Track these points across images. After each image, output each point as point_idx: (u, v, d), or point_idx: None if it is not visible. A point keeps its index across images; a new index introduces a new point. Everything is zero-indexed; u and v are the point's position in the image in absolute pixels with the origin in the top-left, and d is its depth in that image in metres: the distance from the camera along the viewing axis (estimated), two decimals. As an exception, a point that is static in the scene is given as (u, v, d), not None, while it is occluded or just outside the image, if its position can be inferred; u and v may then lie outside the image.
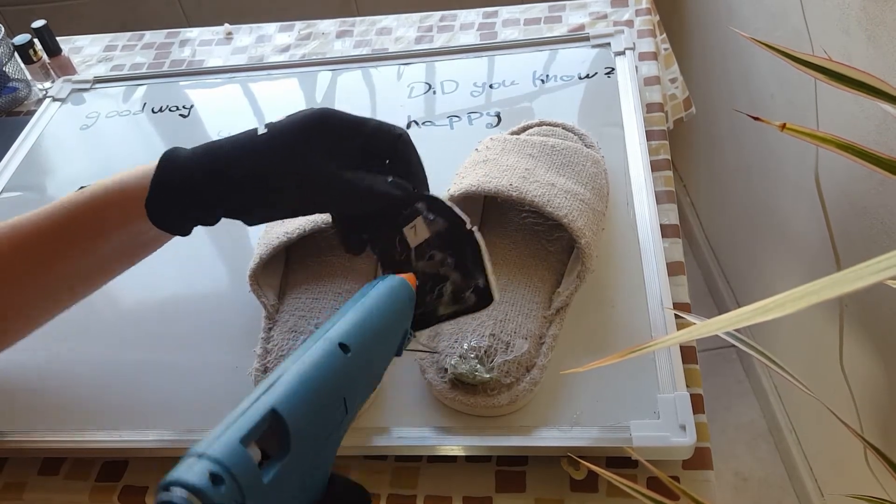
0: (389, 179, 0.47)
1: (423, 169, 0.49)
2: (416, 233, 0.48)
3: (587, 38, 0.81)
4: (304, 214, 0.49)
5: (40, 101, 0.90)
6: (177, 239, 0.71)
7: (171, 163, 0.47)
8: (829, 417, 0.58)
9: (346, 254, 0.54)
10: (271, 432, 0.32)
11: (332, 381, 0.35)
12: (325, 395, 0.35)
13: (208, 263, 0.67)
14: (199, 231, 0.74)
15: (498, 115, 0.75)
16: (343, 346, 0.37)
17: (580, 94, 0.75)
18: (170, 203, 0.47)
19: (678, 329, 0.55)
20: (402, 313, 0.44)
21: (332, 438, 0.36)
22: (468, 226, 0.47)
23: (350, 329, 0.38)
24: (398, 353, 0.44)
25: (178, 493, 0.27)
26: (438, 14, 0.95)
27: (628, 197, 0.64)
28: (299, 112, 0.48)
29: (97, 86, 0.89)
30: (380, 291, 0.43)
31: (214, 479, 0.28)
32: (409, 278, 0.46)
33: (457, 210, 0.47)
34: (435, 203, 0.48)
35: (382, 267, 0.49)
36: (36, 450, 0.56)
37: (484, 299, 0.48)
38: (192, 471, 0.27)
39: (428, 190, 0.49)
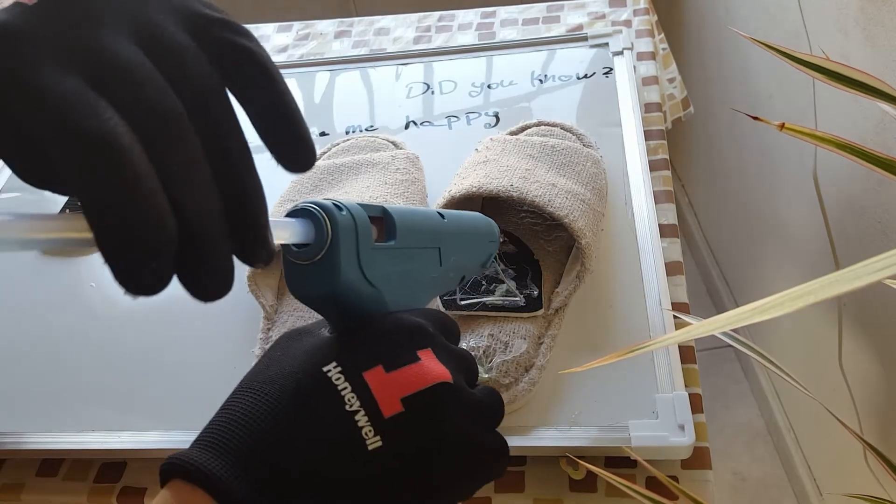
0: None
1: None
2: None
3: (585, 38, 0.81)
4: None
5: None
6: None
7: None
8: (827, 417, 0.58)
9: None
10: (381, 222, 0.35)
11: (429, 223, 0.39)
12: (424, 229, 0.38)
13: (207, 264, 0.67)
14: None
15: (496, 116, 0.75)
16: (440, 213, 0.41)
17: (578, 94, 0.75)
18: None
19: (677, 329, 0.55)
20: (489, 232, 0.46)
21: (427, 283, 0.39)
22: (535, 256, 0.58)
23: (445, 212, 0.41)
24: (484, 265, 0.46)
25: (309, 205, 0.32)
26: (436, 14, 0.95)
27: (627, 197, 0.64)
28: None
29: (95, 86, 0.89)
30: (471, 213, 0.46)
31: (338, 206, 0.32)
32: None
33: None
34: (511, 235, 0.59)
35: None
36: (34, 451, 0.56)
37: (533, 305, 0.55)
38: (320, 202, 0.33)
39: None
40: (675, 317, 0.56)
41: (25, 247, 0.22)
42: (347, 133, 0.76)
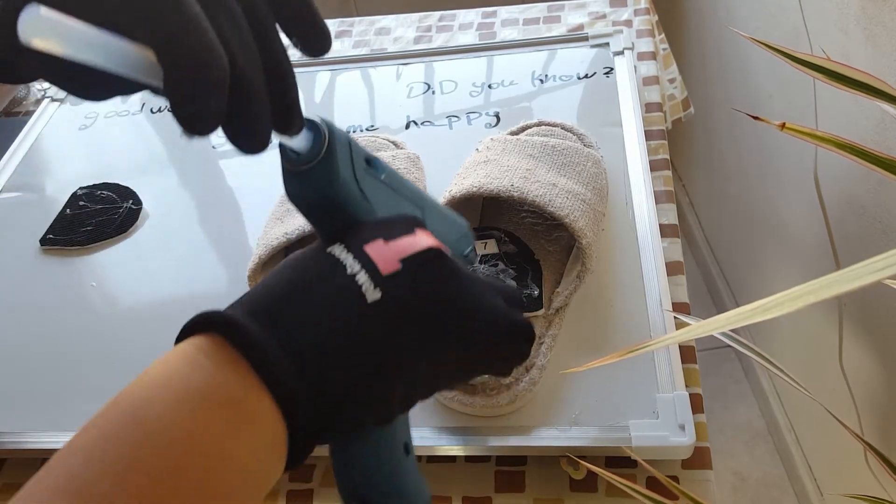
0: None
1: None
2: (486, 247, 0.59)
3: (586, 38, 0.81)
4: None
5: (39, 102, 0.90)
6: (176, 239, 0.71)
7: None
8: (828, 416, 0.58)
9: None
10: (369, 163, 0.38)
11: (411, 185, 0.41)
12: (408, 184, 0.40)
13: (207, 264, 0.67)
14: (198, 231, 0.74)
15: (497, 115, 0.75)
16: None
17: (579, 94, 0.75)
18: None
19: (677, 329, 0.55)
20: (462, 223, 0.46)
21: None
22: (535, 256, 0.58)
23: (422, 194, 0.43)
24: (467, 258, 0.46)
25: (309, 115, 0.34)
26: (437, 14, 0.95)
27: (627, 197, 0.64)
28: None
29: (96, 86, 0.89)
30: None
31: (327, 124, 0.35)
32: None
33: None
34: (511, 235, 0.60)
35: None
36: (34, 451, 0.56)
37: (533, 305, 0.55)
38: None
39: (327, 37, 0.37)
40: (675, 317, 0.56)
41: (109, 58, 0.25)
42: (348, 133, 0.76)
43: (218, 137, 0.79)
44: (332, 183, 0.35)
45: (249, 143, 0.29)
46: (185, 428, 0.27)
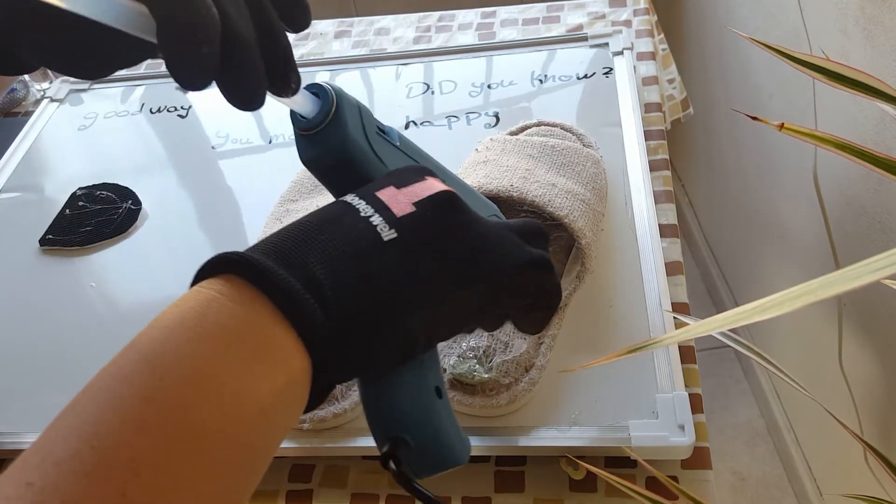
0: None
1: None
2: None
3: (585, 39, 0.81)
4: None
5: (38, 102, 0.90)
6: (175, 240, 0.71)
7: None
8: (827, 416, 0.58)
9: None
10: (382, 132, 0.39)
11: (428, 155, 0.42)
12: (423, 152, 0.42)
13: (207, 264, 0.67)
14: (197, 232, 0.74)
15: (496, 116, 0.75)
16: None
17: (578, 95, 0.75)
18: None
19: (677, 329, 0.55)
20: (489, 205, 0.47)
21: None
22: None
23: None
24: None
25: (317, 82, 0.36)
26: (437, 14, 0.95)
27: (627, 197, 0.64)
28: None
29: (95, 86, 0.89)
30: None
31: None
32: None
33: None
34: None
35: None
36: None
37: None
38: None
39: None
40: (674, 317, 0.56)
41: (104, 11, 0.26)
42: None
43: (217, 138, 0.79)
44: (343, 144, 0.36)
45: (244, 96, 0.30)
46: (198, 365, 0.27)
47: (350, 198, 0.35)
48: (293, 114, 0.36)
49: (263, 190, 0.70)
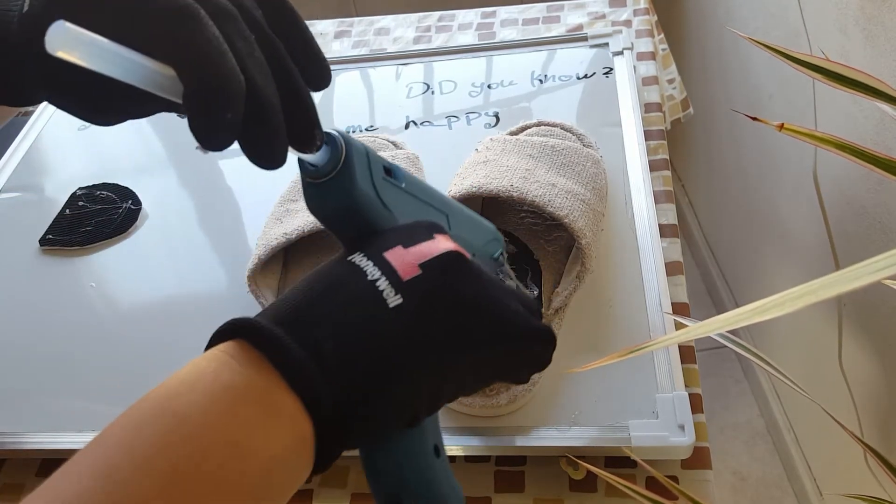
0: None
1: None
2: None
3: (585, 39, 0.81)
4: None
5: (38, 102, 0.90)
6: (175, 240, 0.71)
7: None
8: (827, 416, 0.58)
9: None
10: (388, 172, 0.39)
11: (434, 190, 0.42)
12: (429, 189, 0.42)
13: (207, 264, 0.67)
14: (197, 232, 0.74)
15: (496, 116, 0.75)
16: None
17: (578, 95, 0.75)
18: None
19: (677, 329, 0.55)
20: (490, 228, 0.47)
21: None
22: (535, 256, 0.59)
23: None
24: (496, 262, 0.47)
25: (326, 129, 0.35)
26: (437, 14, 0.95)
27: (627, 197, 0.64)
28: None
29: (95, 86, 0.89)
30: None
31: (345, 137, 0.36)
32: None
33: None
34: (511, 235, 0.60)
35: None
36: (34, 451, 0.56)
37: None
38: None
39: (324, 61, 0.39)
40: (674, 318, 0.56)
41: (128, 72, 0.26)
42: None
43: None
44: (350, 194, 0.36)
45: (266, 158, 0.31)
46: (212, 418, 0.27)
47: (358, 258, 0.34)
48: (301, 161, 0.36)
49: (263, 190, 0.70)
